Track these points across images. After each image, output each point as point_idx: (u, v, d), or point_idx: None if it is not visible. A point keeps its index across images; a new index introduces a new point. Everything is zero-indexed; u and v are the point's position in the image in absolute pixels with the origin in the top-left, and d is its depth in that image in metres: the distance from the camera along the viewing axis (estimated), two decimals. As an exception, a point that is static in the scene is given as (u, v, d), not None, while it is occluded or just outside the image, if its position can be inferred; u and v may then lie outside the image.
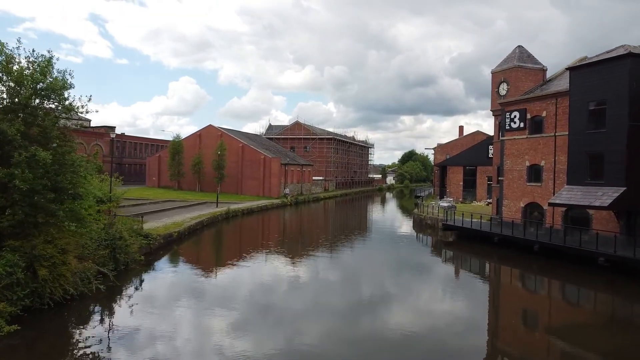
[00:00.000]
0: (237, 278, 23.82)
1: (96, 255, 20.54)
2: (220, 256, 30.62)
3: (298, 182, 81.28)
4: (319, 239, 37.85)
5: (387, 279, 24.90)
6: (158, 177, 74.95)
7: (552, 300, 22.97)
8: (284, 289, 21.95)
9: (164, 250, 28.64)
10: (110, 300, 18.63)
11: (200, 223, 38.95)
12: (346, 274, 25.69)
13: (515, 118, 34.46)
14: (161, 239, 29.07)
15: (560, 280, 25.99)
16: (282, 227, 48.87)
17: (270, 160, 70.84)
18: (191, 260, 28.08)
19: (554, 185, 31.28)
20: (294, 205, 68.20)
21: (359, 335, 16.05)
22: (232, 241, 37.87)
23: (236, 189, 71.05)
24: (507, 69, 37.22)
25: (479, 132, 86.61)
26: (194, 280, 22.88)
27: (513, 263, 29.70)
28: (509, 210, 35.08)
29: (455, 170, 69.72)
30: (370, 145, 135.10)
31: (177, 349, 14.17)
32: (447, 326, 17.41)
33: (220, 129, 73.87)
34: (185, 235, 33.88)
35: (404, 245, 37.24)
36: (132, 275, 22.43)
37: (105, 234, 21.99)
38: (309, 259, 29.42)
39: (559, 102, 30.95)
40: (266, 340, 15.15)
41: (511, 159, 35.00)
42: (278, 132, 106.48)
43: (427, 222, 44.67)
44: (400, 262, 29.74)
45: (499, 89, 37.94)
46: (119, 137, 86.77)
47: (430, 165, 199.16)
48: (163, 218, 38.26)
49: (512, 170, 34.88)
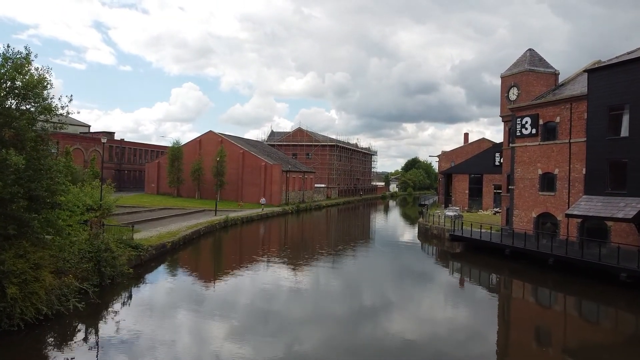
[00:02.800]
0: (232, 293, 22.16)
1: (78, 269, 19.00)
2: (214, 269, 28.86)
3: (300, 190, 79.71)
4: (321, 250, 36.18)
5: (391, 294, 23.21)
6: (157, 184, 73.48)
7: (569, 318, 21.23)
8: (283, 304, 20.29)
9: (155, 262, 27.04)
10: (90, 320, 17.00)
11: (196, 232, 37.36)
12: (348, 290, 24.00)
13: (527, 124, 32.85)
14: (153, 249, 27.47)
15: (577, 297, 24.25)
16: (282, 236, 47.22)
17: (272, 167, 69.32)
18: (183, 273, 26.40)
19: (568, 194, 29.61)
20: (295, 214, 66.57)
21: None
22: (228, 252, 36.16)
23: (236, 196, 69.47)
24: (518, 73, 35.67)
25: (484, 140, 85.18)
26: (185, 296, 21.22)
27: (526, 277, 27.96)
28: (519, 220, 33.38)
29: (460, 178, 68.00)
30: (374, 152, 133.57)
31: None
32: (457, 345, 15.74)
33: (220, 135, 72.47)
34: (180, 246, 32.28)
35: (408, 256, 35.51)
36: (118, 290, 20.81)
37: (89, 245, 20.43)
38: (310, 272, 27.76)
39: (574, 106, 29.34)
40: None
41: (522, 166, 33.35)
42: (280, 138, 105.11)
43: (433, 232, 42.95)
44: (404, 275, 28.05)
45: (508, 94, 36.39)
46: (118, 142, 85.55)
47: (434, 172, 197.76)
48: (158, 227, 36.71)
49: (523, 178, 33.22)
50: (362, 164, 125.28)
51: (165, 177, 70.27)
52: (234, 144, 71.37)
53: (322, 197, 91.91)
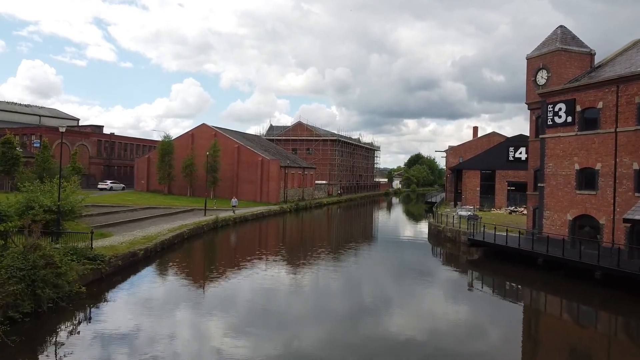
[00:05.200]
0: (209, 320, 17.63)
1: (3, 293, 14.54)
2: (192, 282, 23.93)
3: (299, 187, 75.14)
4: (320, 256, 31.58)
5: (404, 314, 18.65)
6: (147, 181, 68.94)
7: (633, 345, 16.66)
8: (274, 329, 15.75)
9: (122, 275, 22.47)
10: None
11: (179, 236, 32.82)
12: (354, 311, 19.43)
13: (561, 111, 28.22)
14: (119, 260, 22.91)
15: (637, 320, 19.70)
16: (278, 239, 42.62)
17: (269, 163, 64.68)
18: (151, 289, 21.71)
19: (614, 194, 24.99)
20: (294, 212, 62.00)
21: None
22: (213, 259, 31.25)
23: (231, 194, 64.73)
24: (548, 53, 30.96)
25: (494, 134, 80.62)
26: (148, 325, 16.66)
27: (565, 293, 23.41)
28: (551, 223, 28.78)
29: (471, 174, 63.32)
30: (377, 147, 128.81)
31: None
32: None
33: (214, 128, 67.80)
34: (157, 253, 27.74)
35: (420, 264, 30.81)
36: (59, 319, 16.23)
37: (21, 261, 15.93)
38: (310, 293, 23.24)
39: (621, 89, 24.69)
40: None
41: (555, 161, 28.73)
42: (279, 133, 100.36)
43: (447, 235, 38.39)
44: (418, 291, 23.47)
45: (536, 78, 31.70)
46: (107, 137, 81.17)
47: (438, 168, 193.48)
48: (136, 230, 32.24)
49: (556, 174, 28.61)
50: (364, 160, 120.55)
51: (156, 174, 65.77)
52: (229, 138, 66.74)
53: (323, 194, 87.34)
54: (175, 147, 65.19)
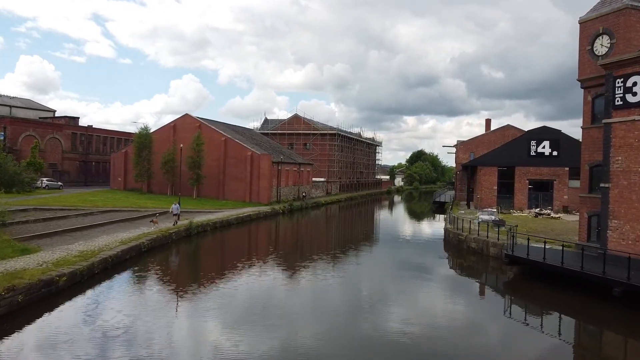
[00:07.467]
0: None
1: None
2: (127, 325, 16.75)
3: (295, 185, 67.95)
4: (317, 274, 24.40)
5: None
6: (124, 178, 61.70)
7: None
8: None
9: (25, 314, 15.35)
10: None
11: (134, 249, 25.67)
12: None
13: (636, 87, 21.07)
14: (19, 294, 15.76)
15: None
16: (265, 249, 35.38)
17: (259, 158, 57.37)
18: (57, 340, 14.55)
19: None
20: (288, 214, 54.81)
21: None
22: (170, 285, 22.24)
23: (217, 193, 57.74)
24: (610, 12, 23.75)
25: (509, 127, 73.61)
26: None
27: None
28: (621, 236, 21.63)
29: (487, 171, 56.11)
30: (378, 143, 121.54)
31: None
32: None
33: (198, 119, 60.46)
34: (93, 276, 20.59)
35: (439, 288, 23.75)
36: None
37: None
38: (300, 330, 16.13)
39: None
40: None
41: (626, 153, 21.58)
42: (275, 126, 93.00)
43: (471, 246, 31.23)
44: (441, 336, 16.33)
45: (593, 46, 24.53)
46: (84, 130, 73.86)
47: (441, 165, 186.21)
48: (78, 241, 25.17)
49: (629, 171, 21.46)
50: (365, 156, 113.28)
51: (132, 170, 58.53)
52: (215, 130, 59.42)
53: (321, 192, 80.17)
54: (156, 140, 58.04)
